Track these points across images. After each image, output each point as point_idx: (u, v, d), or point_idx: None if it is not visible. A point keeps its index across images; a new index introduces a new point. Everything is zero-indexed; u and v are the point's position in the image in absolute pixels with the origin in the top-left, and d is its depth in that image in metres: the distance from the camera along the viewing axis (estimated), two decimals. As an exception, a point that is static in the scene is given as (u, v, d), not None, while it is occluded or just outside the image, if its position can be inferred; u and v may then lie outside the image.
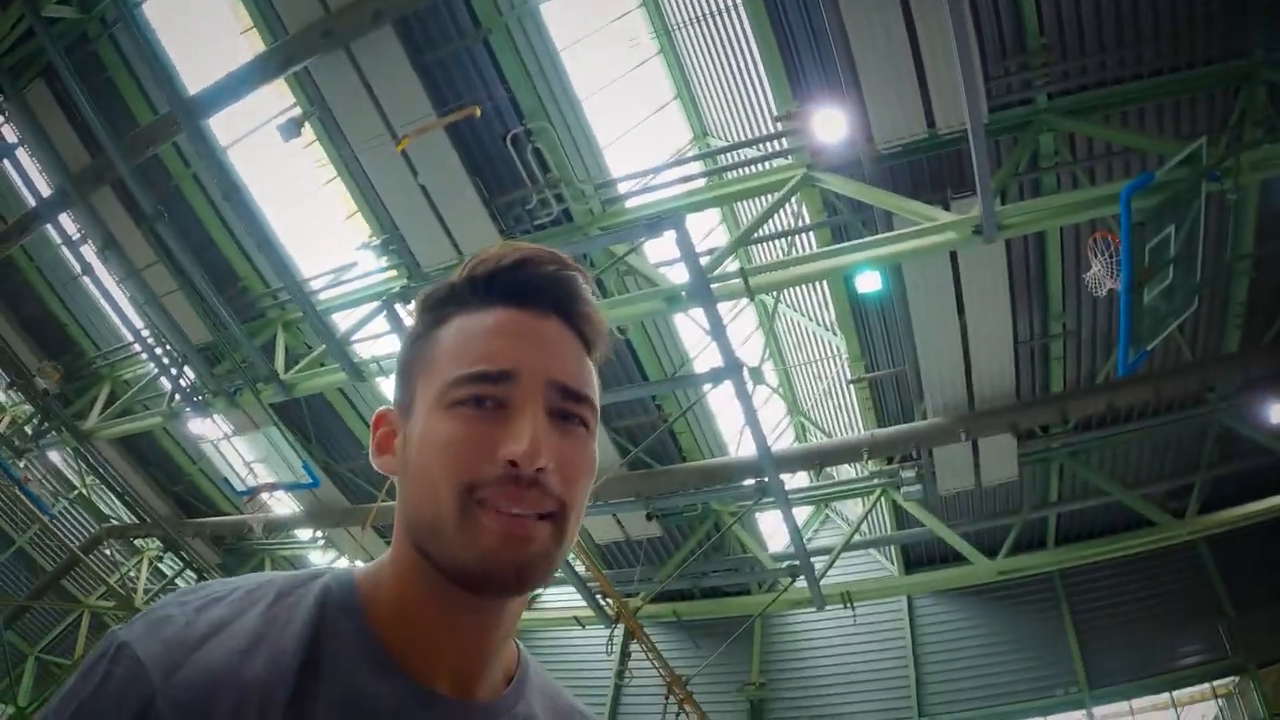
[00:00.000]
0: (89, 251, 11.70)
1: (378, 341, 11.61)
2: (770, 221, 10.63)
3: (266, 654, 0.74)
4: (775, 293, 13.69)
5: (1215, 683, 14.20)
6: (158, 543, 17.99)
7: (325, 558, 16.30)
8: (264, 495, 13.75)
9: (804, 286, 14.03)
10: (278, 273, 10.73)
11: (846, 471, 14.68)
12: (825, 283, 12.70)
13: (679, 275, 9.27)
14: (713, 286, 8.79)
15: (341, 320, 11.97)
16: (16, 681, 18.06)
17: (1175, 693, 14.37)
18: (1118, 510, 13.68)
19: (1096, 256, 7.74)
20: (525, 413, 0.79)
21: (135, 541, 19.02)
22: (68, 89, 9.32)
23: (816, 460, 11.82)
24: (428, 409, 0.82)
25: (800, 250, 11.76)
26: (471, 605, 0.82)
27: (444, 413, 0.80)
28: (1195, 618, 14.48)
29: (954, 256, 9.32)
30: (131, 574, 19.43)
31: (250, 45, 10.36)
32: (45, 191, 10.83)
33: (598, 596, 13.81)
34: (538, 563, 0.78)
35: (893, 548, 16.27)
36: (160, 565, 19.53)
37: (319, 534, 15.55)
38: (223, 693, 0.70)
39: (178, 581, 17.93)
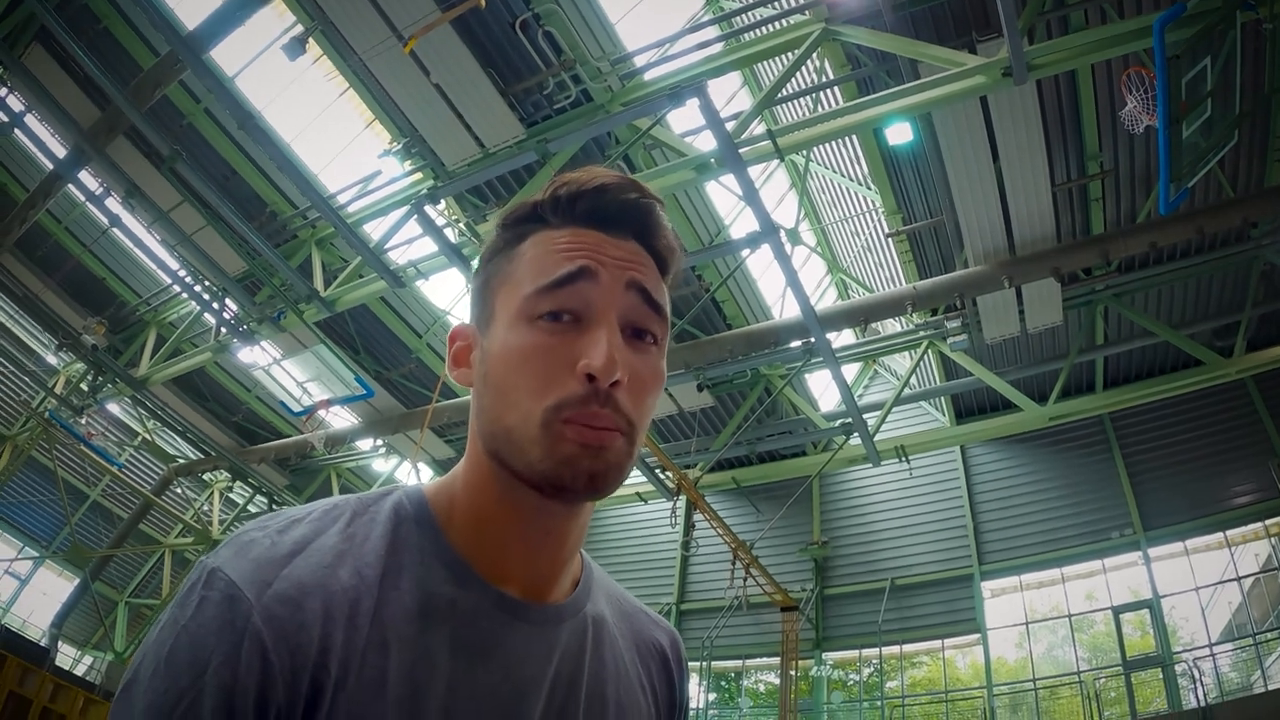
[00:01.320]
0: (114, 203, 12.08)
1: (412, 246, 11.89)
2: (793, 80, 10.59)
3: (350, 567, 0.80)
4: (805, 152, 13.71)
5: (1268, 521, 14.62)
6: (225, 474, 19.04)
7: (388, 464, 17.12)
8: (321, 412, 14.39)
9: (834, 143, 14.01)
10: (303, 192, 11.01)
11: (892, 326, 14.93)
12: (855, 137, 12.72)
13: (706, 143, 9.41)
14: (741, 151, 8.94)
15: (373, 230, 12.28)
16: (111, 628, 19.47)
17: (1229, 532, 14.91)
18: (1165, 351, 13.93)
19: (1131, 93, 7.68)
20: (601, 326, 0.84)
21: (203, 476, 20.23)
22: (65, 47, 9.50)
23: (861, 316, 12.00)
24: (508, 322, 0.87)
25: (826, 107, 11.71)
26: (546, 511, 0.87)
27: (525, 326, 0.85)
28: (1246, 456, 14.96)
29: (984, 101, 9.31)
30: (205, 508, 20.74)
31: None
32: (61, 152, 11.08)
33: (657, 471, 14.34)
34: (611, 471, 0.83)
35: (943, 399, 16.67)
36: (231, 495, 20.71)
37: (379, 442, 16.25)
38: (314, 602, 0.76)
39: (250, 508, 19.02)
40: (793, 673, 16.23)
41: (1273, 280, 12.41)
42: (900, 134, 11.02)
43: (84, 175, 11.60)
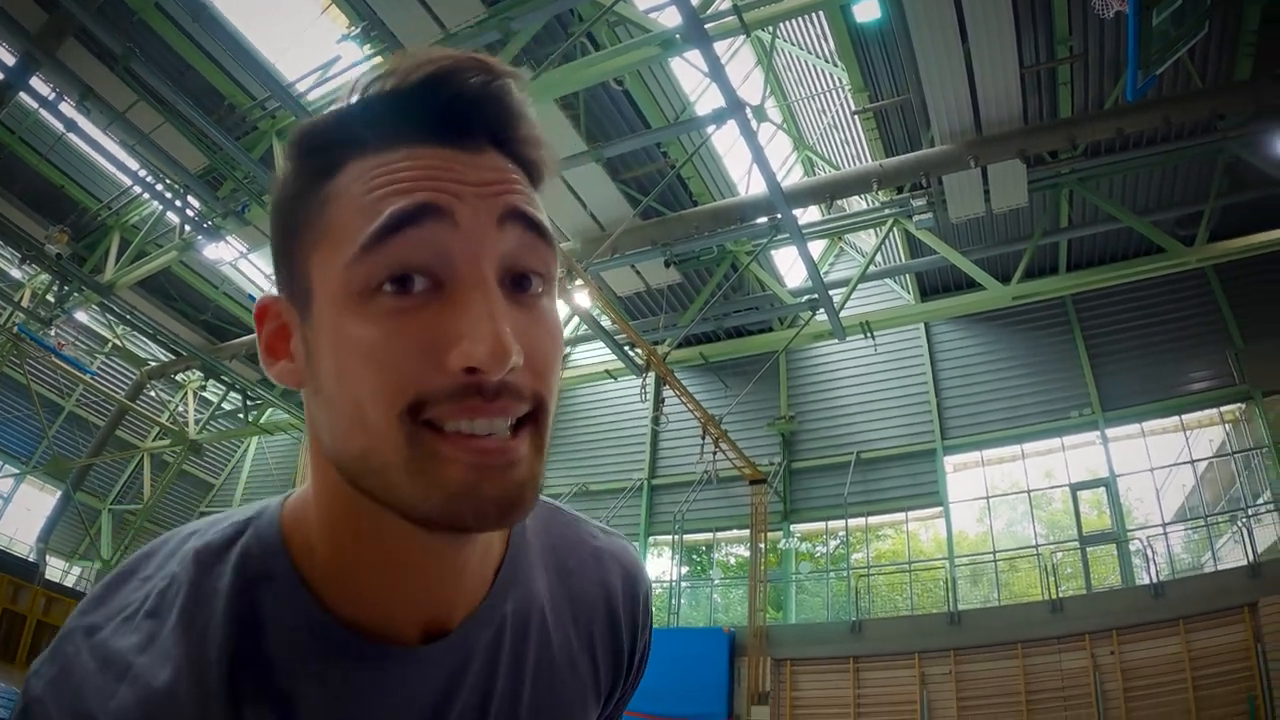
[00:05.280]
0: (68, 108, 11.85)
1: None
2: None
3: (191, 679, 0.64)
4: (771, 28, 13.62)
5: (1223, 408, 15.51)
6: (198, 373, 19.23)
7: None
8: (291, 305, 14.41)
9: (801, 19, 13.98)
10: (262, 82, 10.94)
11: (857, 204, 15.18)
12: (822, 14, 12.70)
13: (671, 19, 9.53)
14: (706, 26, 9.05)
15: (335, 117, 12.10)
16: (97, 537, 19.92)
17: (1184, 416, 15.82)
18: (1128, 237, 14.41)
19: (1103, -23, 7.75)
20: (474, 289, 0.59)
21: (176, 377, 20.47)
22: (4, -46, 9.13)
23: (827, 193, 12.27)
24: (333, 301, 0.61)
25: (793, -18, 11.64)
26: (432, 549, 0.68)
27: (357, 306, 0.59)
28: (1204, 345, 15.73)
29: (953, -21, 9.34)
30: (180, 409, 20.94)
31: None
32: (9, 61, 10.83)
33: (626, 348, 14.68)
34: (524, 490, 0.61)
35: (908, 277, 17.12)
36: (205, 395, 21.01)
37: (351, 329, 16.40)
38: None
39: (224, 405, 19.22)
40: (761, 545, 17.07)
41: (1237, 173, 12.74)
42: (868, 11, 11.09)
43: (35, 82, 11.35)
